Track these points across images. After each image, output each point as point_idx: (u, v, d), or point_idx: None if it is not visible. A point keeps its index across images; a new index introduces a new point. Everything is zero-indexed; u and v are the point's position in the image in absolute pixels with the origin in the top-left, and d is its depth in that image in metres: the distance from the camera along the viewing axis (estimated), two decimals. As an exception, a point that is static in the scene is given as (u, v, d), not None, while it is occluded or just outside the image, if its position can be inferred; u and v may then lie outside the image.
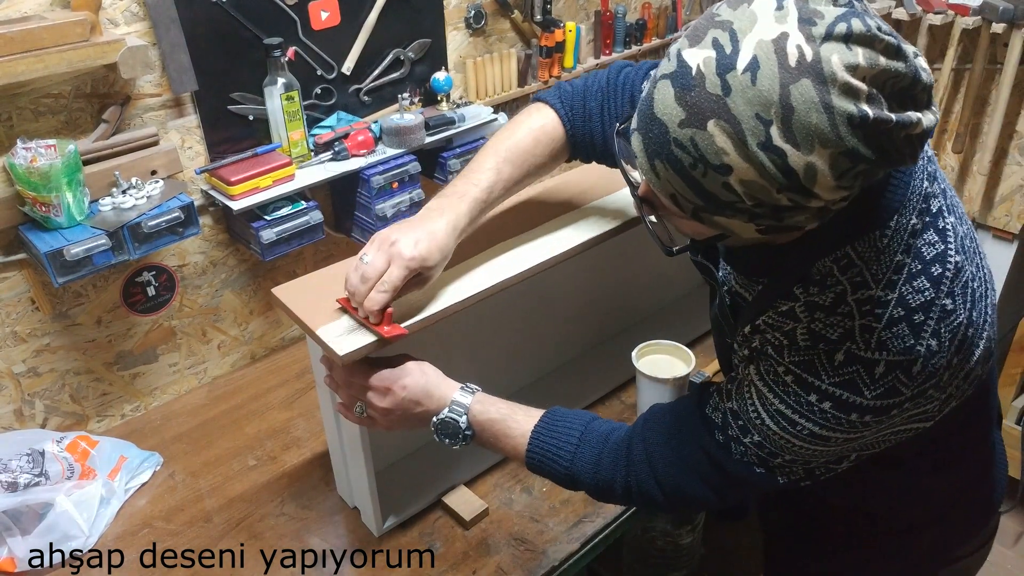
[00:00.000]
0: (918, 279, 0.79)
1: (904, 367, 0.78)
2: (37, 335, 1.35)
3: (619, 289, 1.57)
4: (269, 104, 1.44)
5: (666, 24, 2.15)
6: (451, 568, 1.17)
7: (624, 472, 0.96)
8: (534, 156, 1.08)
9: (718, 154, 0.66)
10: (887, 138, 0.65)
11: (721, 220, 0.72)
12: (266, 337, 1.67)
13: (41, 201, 1.19)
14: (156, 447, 1.40)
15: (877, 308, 0.78)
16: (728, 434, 0.89)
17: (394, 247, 0.96)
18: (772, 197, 0.67)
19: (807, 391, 0.81)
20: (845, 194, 0.68)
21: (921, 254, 0.80)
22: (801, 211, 0.69)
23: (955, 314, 0.80)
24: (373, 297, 0.95)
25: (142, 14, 1.27)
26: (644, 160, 0.72)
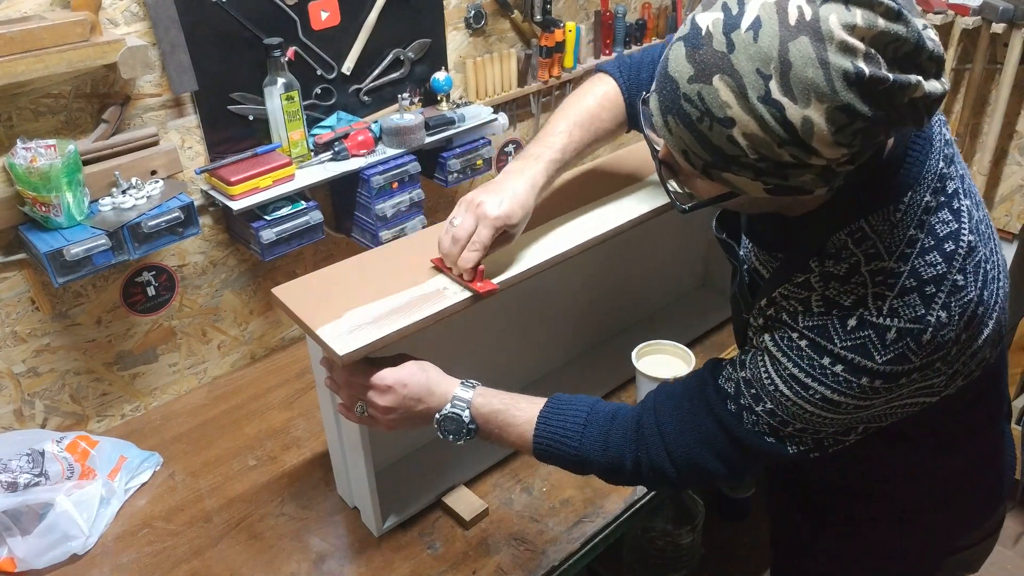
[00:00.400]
0: (930, 254, 0.81)
1: (915, 335, 0.80)
2: (37, 335, 1.35)
3: (619, 289, 1.57)
4: (269, 104, 1.44)
5: (666, 24, 2.15)
6: (451, 568, 1.17)
7: (634, 447, 0.96)
8: (601, 121, 1.14)
9: (722, 107, 0.69)
10: (886, 98, 0.67)
11: (729, 177, 0.75)
12: (266, 337, 1.67)
13: (41, 201, 1.19)
14: (156, 447, 1.40)
15: (890, 278, 0.81)
16: (740, 403, 0.90)
17: (480, 208, 1.03)
18: (774, 152, 0.69)
19: (820, 354, 0.83)
20: (845, 152, 0.69)
21: (935, 231, 0.82)
22: (804, 169, 0.71)
23: (966, 290, 0.82)
24: (466, 256, 1.04)
25: (142, 14, 1.27)
26: (659, 117, 0.76)
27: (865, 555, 1.14)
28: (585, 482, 1.30)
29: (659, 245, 1.59)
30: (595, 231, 1.21)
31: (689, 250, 1.71)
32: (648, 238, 1.52)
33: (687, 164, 0.78)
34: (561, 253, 1.16)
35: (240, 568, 1.18)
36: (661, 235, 1.57)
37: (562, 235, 1.20)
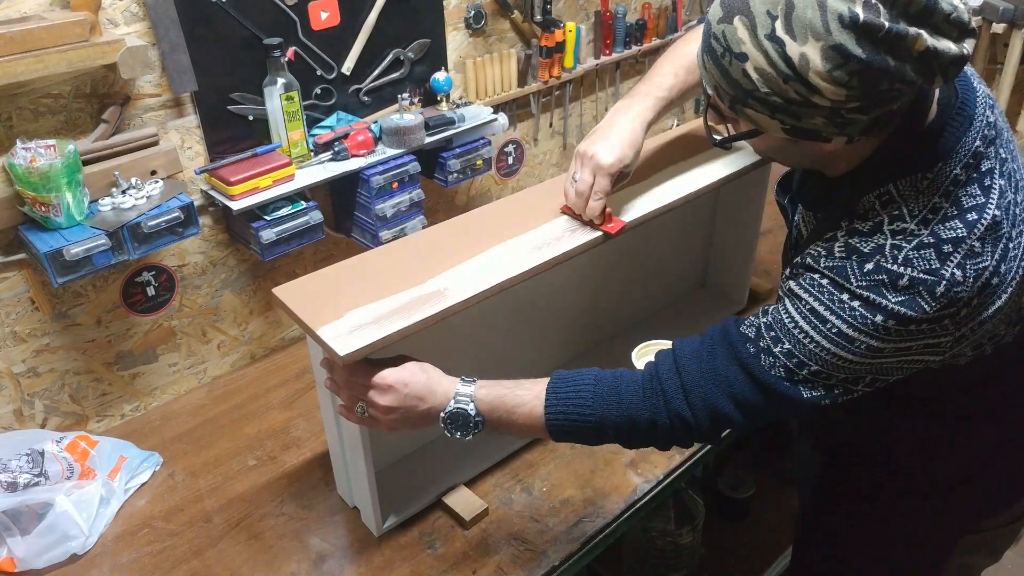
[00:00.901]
0: (952, 221, 0.86)
1: (927, 285, 0.84)
2: (37, 335, 1.35)
3: (619, 289, 1.57)
4: (269, 104, 1.44)
5: (666, 24, 2.15)
6: (451, 568, 1.17)
7: (651, 398, 0.97)
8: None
9: (738, 43, 0.80)
10: (885, 46, 0.73)
11: (751, 113, 0.84)
12: (266, 337, 1.67)
13: (41, 201, 1.19)
14: (156, 447, 1.40)
15: (909, 236, 0.87)
16: (759, 345, 0.93)
17: (595, 160, 1.14)
18: (781, 87, 0.79)
19: (839, 290, 0.88)
20: (847, 94, 0.76)
21: (960, 202, 0.87)
22: (811, 109, 0.79)
23: (982, 258, 0.86)
24: (592, 206, 1.16)
25: (142, 14, 1.27)
26: (699, 57, 0.88)
27: (885, 529, 1.17)
28: (585, 482, 1.30)
29: (659, 245, 1.59)
30: (596, 231, 1.21)
31: (689, 250, 1.71)
32: (648, 238, 1.53)
33: (719, 100, 0.88)
34: (561, 252, 1.16)
35: (240, 568, 1.18)
36: (661, 235, 1.57)
37: (562, 234, 1.20)
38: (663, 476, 1.32)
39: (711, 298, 1.74)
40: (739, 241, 1.65)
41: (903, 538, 1.19)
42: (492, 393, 1.02)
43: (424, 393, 1.01)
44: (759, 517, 2.09)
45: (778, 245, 1.54)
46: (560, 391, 1.00)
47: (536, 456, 1.36)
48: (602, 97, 2.13)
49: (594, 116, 2.14)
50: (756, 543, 2.04)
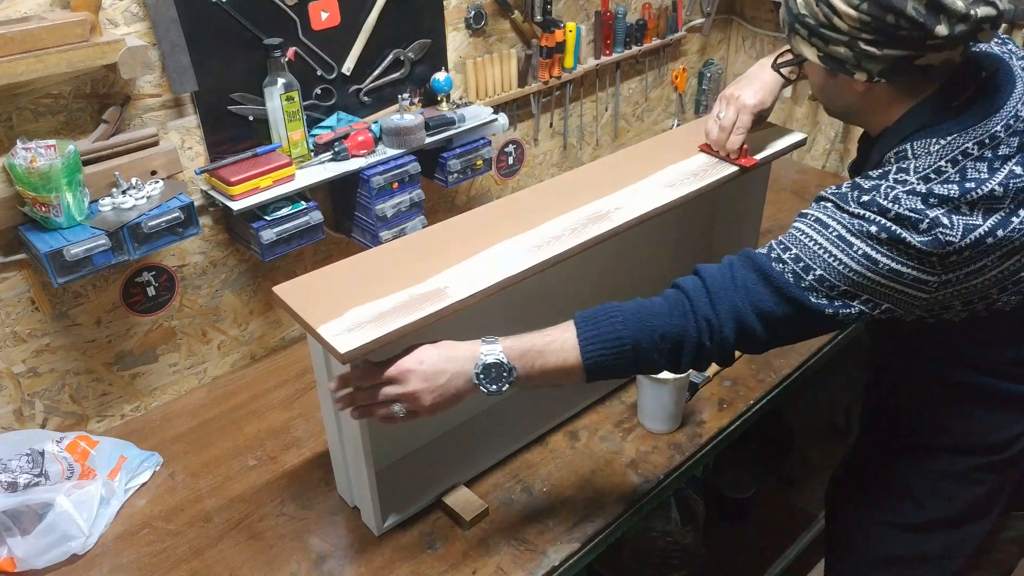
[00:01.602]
0: (949, 184, 0.93)
1: (911, 221, 0.92)
2: (37, 335, 1.35)
3: (619, 289, 1.57)
4: (269, 104, 1.44)
5: (666, 24, 2.15)
6: (451, 568, 1.17)
7: (679, 312, 1.01)
8: None
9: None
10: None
11: (797, 40, 0.99)
12: (266, 337, 1.67)
13: (41, 201, 1.19)
14: (156, 447, 1.40)
15: (906, 184, 0.95)
16: (771, 255, 1.00)
17: (739, 100, 1.31)
18: (813, 9, 0.93)
19: (839, 210, 0.98)
20: (858, 19, 0.89)
21: (964, 172, 0.94)
22: (835, 34, 0.92)
23: (971, 218, 0.93)
24: (732, 140, 1.33)
25: (142, 14, 1.27)
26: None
27: (940, 487, 1.20)
28: (585, 482, 1.30)
29: (659, 245, 1.59)
30: (596, 231, 1.21)
31: (689, 250, 1.71)
32: (648, 238, 1.53)
33: (783, 29, 1.02)
34: (561, 252, 1.17)
35: (240, 568, 1.18)
36: (661, 235, 1.57)
37: (562, 234, 1.20)
38: (663, 476, 1.32)
39: (711, 298, 1.73)
40: (739, 241, 1.65)
41: (960, 501, 1.20)
42: (520, 341, 1.02)
43: (443, 363, 1.00)
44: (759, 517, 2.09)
45: (778, 245, 1.54)
46: (590, 322, 1.02)
47: (536, 456, 1.36)
48: (602, 97, 2.13)
49: (594, 116, 2.14)
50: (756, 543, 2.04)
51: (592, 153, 2.20)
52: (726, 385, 1.51)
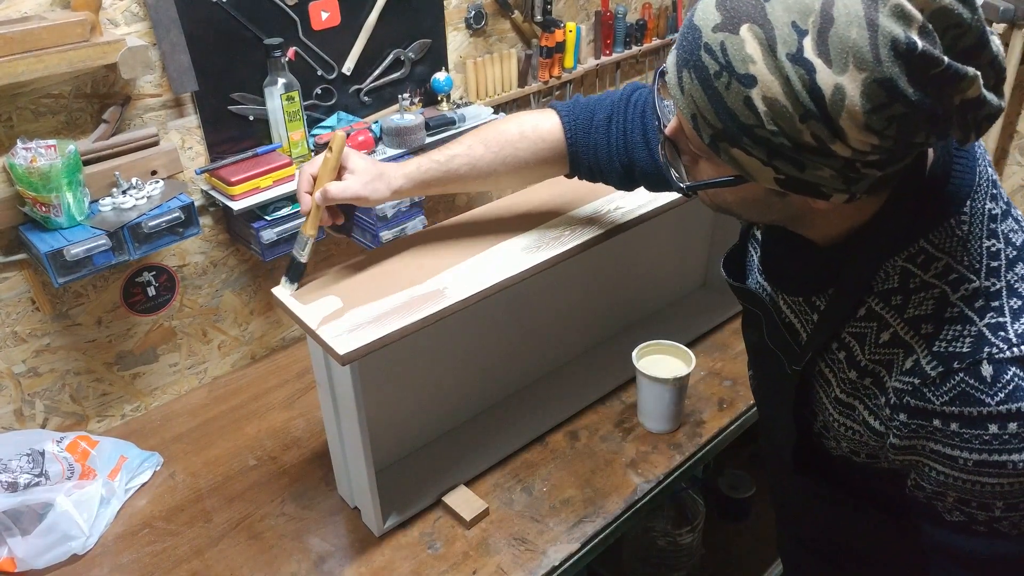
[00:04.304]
0: (1018, 265, 0.72)
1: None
2: (37, 335, 1.35)
3: (619, 289, 1.57)
4: (269, 104, 1.44)
5: (666, 24, 2.15)
6: (451, 568, 1.17)
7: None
8: (515, 149, 1.07)
9: (744, 61, 0.60)
10: (935, 87, 0.57)
11: (738, 155, 0.66)
12: (266, 337, 1.67)
13: (41, 201, 1.19)
14: (156, 447, 1.40)
15: (993, 301, 0.71)
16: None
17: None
18: (795, 127, 0.61)
19: (978, 426, 0.71)
20: (874, 144, 0.60)
21: (1010, 240, 0.73)
22: (824, 159, 0.62)
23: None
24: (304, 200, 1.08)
25: (142, 14, 1.27)
26: (674, 74, 0.67)
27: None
28: (585, 482, 1.30)
29: (659, 245, 1.59)
30: (596, 231, 1.21)
31: (689, 250, 1.71)
32: (648, 238, 1.53)
33: (694, 134, 0.68)
34: (561, 252, 1.17)
35: (240, 568, 1.18)
36: (661, 235, 1.57)
37: (562, 234, 1.20)
38: (663, 476, 1.32)
39: (711, 298, 1.74)
40: (739, 241, 1.65)
41: None
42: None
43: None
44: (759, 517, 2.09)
45: (778, 245, 1.54)
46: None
47: (536, 456, 1.36)
48: (602, 97, 2.13)
49: (594, 116, 2.14)
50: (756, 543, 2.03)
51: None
52: (726, 385, 1.51)
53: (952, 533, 0.78)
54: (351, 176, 1.04)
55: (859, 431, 0.82)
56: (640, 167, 1.05)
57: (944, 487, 0.76)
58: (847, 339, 0.80)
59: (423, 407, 1.32)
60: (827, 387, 0.84)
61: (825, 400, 0.85)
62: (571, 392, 1.47)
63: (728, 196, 0.75)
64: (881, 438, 0.80)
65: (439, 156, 1.08)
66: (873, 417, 0.79)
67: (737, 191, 0.73)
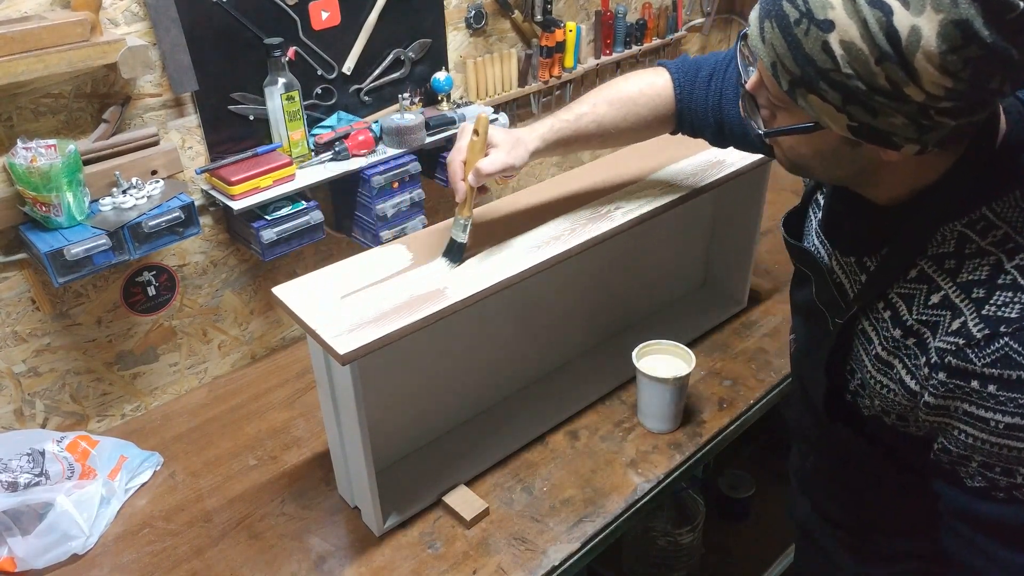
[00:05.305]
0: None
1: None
2: (37, 335, 1.35)
3: (619, 289, 1.57)
4: (269, 104, 1.44)
5: (666, 24, 2.15)
6: (452, 568, 1.17)
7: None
8: (636, 106, 1.12)
9: (824, 7, 0.64)
10: (1011, 30, 0.59)
11: (815, 101, 0.68)
12: (266, 337, 1.67)
13: (41, 201, 1.19)
14: (156, 447, 1.40)
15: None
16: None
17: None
18: (870, 70, 0.63)
19: (1018, 389, 0.73)
20: (950, 85, 0.62)
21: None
22: (898, 103, 0.64)
23: None
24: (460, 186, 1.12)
25: (142, 14, 1.27)
26: (756, 26, 0.71)
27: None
28: (585, 481, 1.30)
29: (659, 245, 1.59)
30: (596, 230, 1.21)
31: (689, 250, 1.71)
32: (648, 238, 1.53)
33: (773, 82, 0.72)
34: (561, 252, 1.17)
35: (240, 568, 1.18)
36: (661, 235, 1.57)
37: (562, 234, 1.20)
38: (663, 476, 1.32)
39: (711, 298, 1.74)
40: (739, 241, 1.65)
41: None
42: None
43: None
44: (759, 517, 2.09)
45: (779, 245, 1.55)
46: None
47: (536, 456, 1.36)
48: (602, 97, 2.13)
49: (594, 116, 2.13)
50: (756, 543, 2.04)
51: (592, 153, 2.20)
52: (726, 385, 1.51)
53: (972, 498, 0.80)
54: (495, 150, 1.09)
55: (894, 389, 0.84)
56: (729, 125, 1.09)
57: (970, 450, 0.78)
58: (894, 299, 0.82)
59: (423, 407, 1.32)
60: (868, 345, 0.87)
61: (865, 357, 0.87)
62: (571, 392, 1.47)
63: (803, 148, 0.78)
64: (914, 398, 0.82)
65: (567, 115, 1.12)
66: (910, 376, 0.82)
67: (812, 142, 0.75)
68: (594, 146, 1.17)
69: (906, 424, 0.87)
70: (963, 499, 0.82)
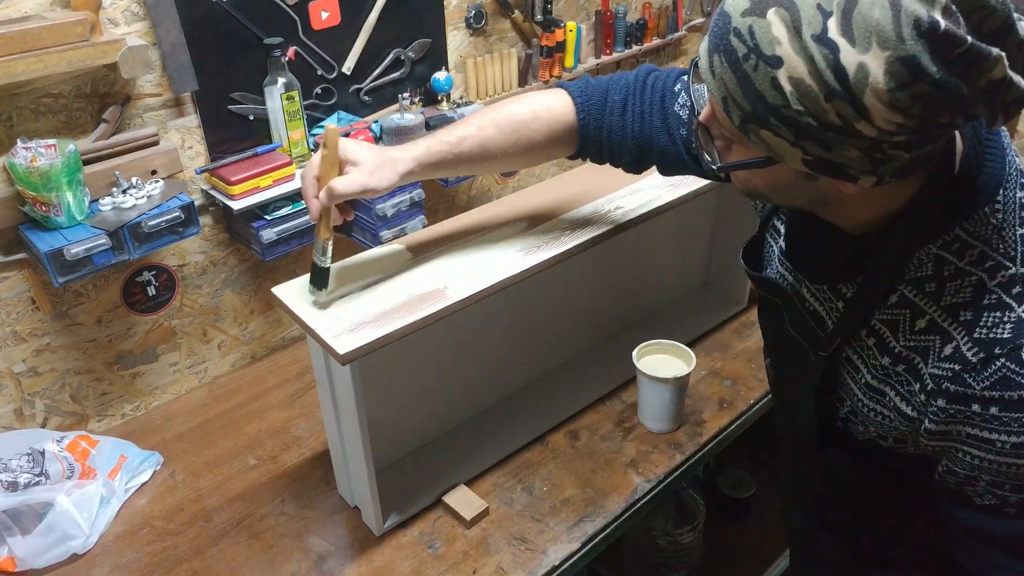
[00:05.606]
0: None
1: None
2: (37, 335, 1.35)
3: (619, 289, 1.57)
4: (269, 104, 1.44)
5: (667, 24, 2.15)
6: (452, 567, 1.17)
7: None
8: (528, 130, 1.05)
9: (771, 43, 0.63)
10: (959, 66, 0.59)
11: (767, 136, 0.67)
12: (266, 337, 1.67)
13: (41, 201, 1.19)
14: (156, 447, 1.40)
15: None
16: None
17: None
18: (820, 106, 0.62)
19: (1018, 408, 0.73)
20: (899, 123, 0.61)
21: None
22: (850, 138, 0.63)
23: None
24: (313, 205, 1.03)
25: (142, 14, 1.27)
26: (705, 59, 0.70)
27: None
28: (586, 481, 1.30)
29: (659, 245, 1.59)
30: (596, 231, 1.21)
31: (689, 250, 1.71)
32: (648, 238, 1.53)
33: (725, 117, 0.70)
34: (561, 252, 1.17)
35: (240, 568, 1.18)
36: (661, 235, 1.57)
37: (562, 234, 1.20)
38: (663, 476, 1.32)
39: (711, 298, 1.74)
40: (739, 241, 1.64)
41: None
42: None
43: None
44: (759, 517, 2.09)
45: (778, 245, 1.54)
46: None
47: (536, 456, 1.36)
48: (602, 97, 2.13)
49: (594, 116, 2.13)
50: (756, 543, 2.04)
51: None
52: (726, 385, 1.51)
53: (984, 516, 0.80)
54: (354, 169, 1.00)
55: (889, 416, 0.83)
56: (657, 150, 1.05)
57: (978, 471, 0.77)
58: (877, 326, 0.81)
59: (423, 407, 1.32)
60: (855, 373, 0.85)
61: (853, 386, 0.86)
62: (571, 392, 1.47)
63: (759, 180, 0.77)
64: (912, 423, 0.81)
65: (448, 137, 1.04)
66: (905, 403, 0.81)
67: (768, 175, 0.74)
68: (477, 170, 1.10)
69: (904, 446, 0.86)
70: (975, 518, 0.81)
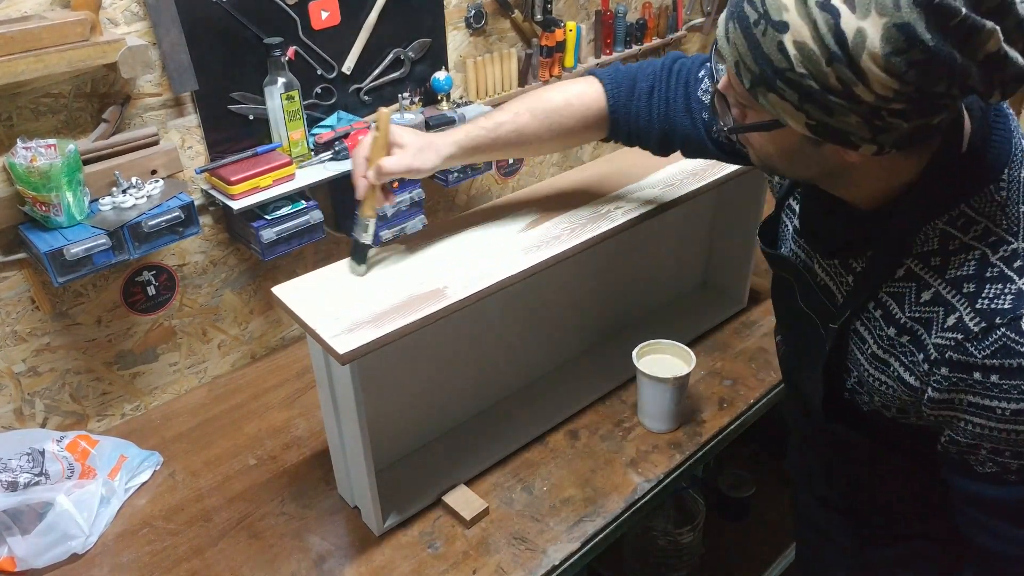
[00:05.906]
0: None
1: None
2: (37, 334, 1.35)
3: (619, 289, 1.57)
4: (269, 104, 1.44)
5: (667, 24, 2.15)
6: (451, 567, 1.17)
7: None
8: (561, 117, 1.11)
9: (779, 10, 0.67)
10: (955, 37, 0.62)
11: (774, 99, 0.71)
12: (266, 337, 1.67)
13: (41, 200, 1.19)
14: (156, 446, 1.40)
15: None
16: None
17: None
18: (821, 70, 0.66)
19: (1018, 375, 0.75)
20: (897, 87, 0.65)
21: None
22: (849, 103, 0.67)
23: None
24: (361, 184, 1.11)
25: (142, 14, 1.27)
26: (722, 27, 0.75)
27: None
28: (586, 481, 1.30)
29: (659, 245, 1.59)
30: (596, 230, 1.21)
31: (689, 250, 1.71)
32: (648, 238, 1.53)
33: (737, 81, 0.75)
34: (561, 252, 1.17)
35: (240, 567, 1.18)
36: (661, 235, 1.57)
37: (562, 234, 1.20)
38: (663, 476, 1.32)
39: (711, 298, 1.74)
40: (739, 241, 1.66)
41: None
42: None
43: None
44: (759, 517, 2.09)
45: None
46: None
47: (536, 455, 1.36)
48: (602, 97, 2.13)
49: (594, 116, 2.13)
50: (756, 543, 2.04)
51: (592, 152, 2.20)
52: (726, 385, 1.51)
53: (984, 484, 0.83)
54: (400, 151, 1.07)
55: (892, 385, 0.86)
56: (680, 134, 1.10)
57: (979, 439, 0.80)
58: (884, 299, 0.84)
59: (423, 407, 1.32)
60: (862, 344, 0.88)
61: (860, 357, 0.89)
62: (571, 392, 1.47)
63: (769, 147, 0.81)
64: (915, 393, 0.84)
65: (487, 123, 1.11)
66: (908, 373, 0.84)
67: (776, 140, 0.79)
68: (513, 154, 1.17)
69: (907, 416, 0.88)
70: (975, 486, 0.84)
